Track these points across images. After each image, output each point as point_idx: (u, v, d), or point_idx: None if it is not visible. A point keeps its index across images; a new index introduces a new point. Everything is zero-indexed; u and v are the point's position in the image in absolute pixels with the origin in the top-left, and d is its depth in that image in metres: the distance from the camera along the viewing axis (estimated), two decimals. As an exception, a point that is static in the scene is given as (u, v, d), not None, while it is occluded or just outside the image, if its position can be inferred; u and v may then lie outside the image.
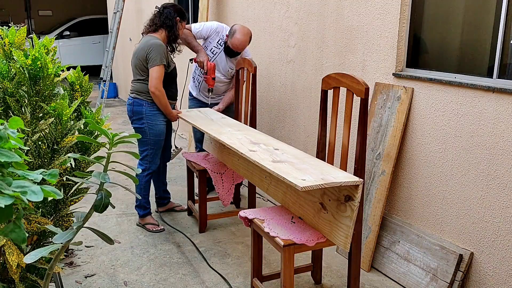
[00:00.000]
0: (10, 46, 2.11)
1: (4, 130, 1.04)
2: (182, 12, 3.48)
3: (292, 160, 2.40)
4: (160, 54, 3.27)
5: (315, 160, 2.46)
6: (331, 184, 2.09)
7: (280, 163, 2.34)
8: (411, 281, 2.80)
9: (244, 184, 4.38)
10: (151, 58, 3.27)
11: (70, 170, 2.08)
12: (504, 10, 2.41)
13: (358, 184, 2.14)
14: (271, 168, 2.25)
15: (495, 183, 2.45)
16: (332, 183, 2.09)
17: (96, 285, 2.84)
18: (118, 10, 7.23)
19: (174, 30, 3.40)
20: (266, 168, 2.28)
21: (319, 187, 2.05)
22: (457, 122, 2.61)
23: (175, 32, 3.41)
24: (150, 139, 3.45)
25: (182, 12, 3.48)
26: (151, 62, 3.28)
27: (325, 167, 2.32)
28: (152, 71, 3.28)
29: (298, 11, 3.75)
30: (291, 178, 2.10)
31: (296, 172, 2.20)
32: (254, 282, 2.64)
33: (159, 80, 3.29)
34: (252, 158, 2.44)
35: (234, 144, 2.71)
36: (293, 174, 2.17)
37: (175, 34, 3.42)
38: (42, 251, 1.47)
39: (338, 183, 2.11)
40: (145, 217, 3.61)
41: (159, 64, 3.27)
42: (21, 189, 1.01)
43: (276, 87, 4.15)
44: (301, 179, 2.09)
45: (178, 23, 3.42)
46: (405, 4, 2.87)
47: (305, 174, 2.18)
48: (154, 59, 3.26)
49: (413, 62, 2.96)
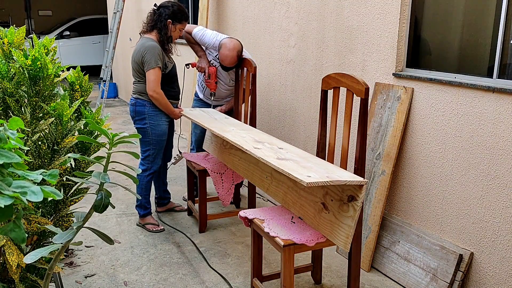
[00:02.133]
0: (9, 46, 2.11)
1: (3, 131, 1.04)
2: (177, 14, 3.38)
3: (296, 159, 2.40)
4: (154, 56, 3.26)
5: (319, 159, 2.46)
6: (337, 182, 2.09)
7: (285, 161, 2.34)
8: (411, 281, 2.80)
9: (244, 184, 4.39)
10: (146, 61, 3.27)
11: (70, 170, 2.08)
12: (504, 10, 2.41)
13: (362, 184, 2.14)
14: (277, 165, 2.24)
15: (495, 183, 2.45)
16: (338, 181, 2.09)
17: (96, 285, 2.84)
18: (118, 10, 7.23)
19: (164, 32, 3.35)
20: (271, 164, 2.28)
21: (325, 183, 2.05)
22: (457, 122, 2.61)
23: (166, 34, 3.36)
24: (152, 139, 3.45)
25: (177, 13, 3.38)
26: (146, 65, 3.27)
27: (330, 167, 2.32)
28: (148, 74, 3.28)
29: (298, 11, 3.75)
30: (296, 174, 2.10)
31: (301, 169, 2.20)
32: (254, 282, 2.64)
33: (156, 83, 3.29)
34: (257, 155, 2.43)
35: (239, 142, 2.71)
36: (298, 171, 2.17)
37: (166, 36, 3.36)
38: (42, 251, 1.47)
39: (344, 182, 2.11)
40: (146, 217, 3.62)
41: (154, 67, 3.26)
42: (21, 189, 1.01)
43: (276, 87, 4.15)
44: (306, 176, 2.09)
45: (170, 25, 3.36)
46: (405, 4, 2.87)
47: (310, 171, 2.18)
48: (149, 62, 3.26)
49: (413, 62, 2.96)
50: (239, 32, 4.57)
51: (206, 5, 5.00)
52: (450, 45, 2.82)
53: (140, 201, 3.60)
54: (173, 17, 3.37)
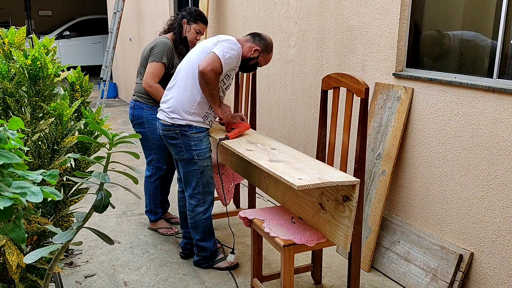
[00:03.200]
0: (10, 46, 2.11)
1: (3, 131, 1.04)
2: (193, 13, 3.35)
3: (289, 160, 2.40)
4: (162, 51, 3.23)
5: (312, 160, 2.46)
6: (328, 184, 2.09)
7: (277, 163, 2.34)
8: (411, 281, 2.80)
9: (244, 184, 4.39)
10: (153, 53, 3.24)
11: (70, 170, 2.08)
12: (504, 10, 2.41)
13: (355, 184, 2.14)
14: (268, 167, 2.25)
15: (495, 183, 2.45)
16: (329, 183, 2.09)
17: (96, 285, 2.84)
18: (118, 10, 7.24)
19: (178, 31, 3.34)
20: (262, 167, 2.28)
21: (316, 186, 2.05)
22: (457, 122, 2.61)
23: (180, 33, 3.34)
24: (153, 144, 3.39)
25: (192, 13, 3.35)
26: (151, 57, 3.24)
27: (322, 167, 2.32)
28: (149, 66, 3.24)
29: (298, 11, 3.75)
30: (287, 177, 2.10)
31: (293, 172, 2.20)
32: (254, 282, 2.64)
33: (152, 76, 3.22)
34: (249, 157, 2.44)
35: (231, 143, 2.71)
36: (290, 173, 2.17)
37: (180, 35, 3.34)
38: (42, 251, 1.47)
39: (335, 183, 2.10)
40: (157, 221, 3.59)
41: (157, 61, 3.22)
42: (21, 190, 1.01)
43: (276, 87, 4.15)
44: (297, 178, 2.09)
45: (185, 25, 3.34)
46: (405, 4, 2.87)
47: (302, 173, 2.18)
48: (155, 54, 3.23)
49: (413, 62, 2.96)
50: (239, 32, 4.57)
51: (206, 5, 5.00)
52: (450, 45, 2.82)
53: (149, 207, 3.56)
54: (188, 17, 3.35)
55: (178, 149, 2.79)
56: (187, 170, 2.83)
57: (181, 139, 2.77)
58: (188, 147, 2.77)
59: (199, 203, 2.88)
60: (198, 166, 2.81)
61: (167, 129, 2.79)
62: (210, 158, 2.87)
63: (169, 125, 2.77)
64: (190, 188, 2.87)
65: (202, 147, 2.80)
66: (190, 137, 2.76)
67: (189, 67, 2.79)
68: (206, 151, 2.82)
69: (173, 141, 2.79)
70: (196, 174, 2.83)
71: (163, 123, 2.81)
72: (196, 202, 2.87)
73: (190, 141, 2.76)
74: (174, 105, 2.78)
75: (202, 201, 2.88)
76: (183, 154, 2.79)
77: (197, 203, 2.88)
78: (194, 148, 2.77)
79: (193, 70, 2.76)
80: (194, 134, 2.77)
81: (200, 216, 2.89)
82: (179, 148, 2.79)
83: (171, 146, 2.83)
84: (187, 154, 2.78)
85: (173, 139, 2.79)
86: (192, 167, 2.81)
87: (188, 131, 2.76)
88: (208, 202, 2.91)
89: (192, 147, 2.77)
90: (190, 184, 2.85)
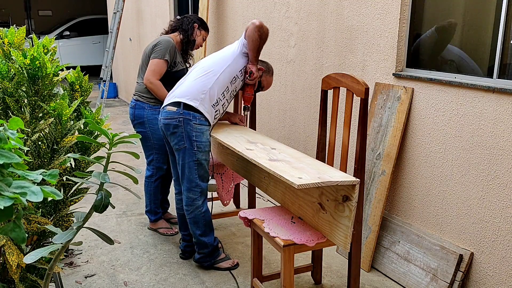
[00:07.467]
0: (9, 46, 2.11)
1: (3, 131, 1.04)
2: (203, 22, 3.47)
3: (289, 159, 2.40)
4: (165, 49, 3.23)
5: (312, 159, 2.46)
6: (328, 183, 2.09)
7: (277, 162, 2.34)
8: (411, 281, 2.80)
9: (244, 184, 4.38)
10: (155, 50, 3.24)
11: (70, 170, 2.08)
12: (504, 10, 2.41)
13: (355, 184, 2.14)
14: (268, 166, 2.24)
15: (495, 183, 2.45)
16: (329, 182, 2.09)
17: (96, 285, 2.84)
18: (118, 10, 7.24)
19: (189, 33, 3.37)
20: (262, 166, 2.28)
21: (316, 185, 2.05)
22: (457, 122, 2.61)
23: (189, 36, 3.37)
24: (154, 144, 3.38)
25: (203, 21, 3.47)
26: (154, 54, 3.24)
27: (322, 167, 2.32)
28: (151, 63, 3.24)
29: (298, 11, 3.75)
30: (287, 176, 2.10)
31: (293, 171, 2.19)
32: (254, 282, 2.64)
33: (154, 73, 3.22)
34: (249, 156, 2.43)
35: (231, 143, 2.71)
36: (289, 172, 2.17)
37: (189, 38, 3.37)
38: (42, 251, 1.47)
39: (335, 182, 2.10)
40: (157, 221, 3.58)
41: (160, 58, 3.21)
42: (21, 189, 1.01)
43: (276, 87, 4.15)
44: (297, 177, 2.09)
45: (196, 29, 3.39)
46: (405, 4, 2.87)
47: (302, 172, 2.17)
48: (157, 51, 3.23)
49: (413, 62, 2.96)
50: (239, 32, 4.57)
51: (206, 5, 5.00)
52: (450, 45, 2.82)
53: (149, 207, 3.55)
54: (198, 23, 3.43)
55: (179, 138, 2.80)
56: (185, 162, 2.82)
57: (183, 128, 2.78)
58: (189, 137, 2.78)
59: (197, 196, 2.88)
60: (196, 157, 2.81)
61: (170, 117, 2.80)
62: (208, 154, 2.88)
63: (173, 112, 2.79)
64: (187, 180, 2.86)
65: (203, 139, 2.81)
66: (192, 127, 2.78)
67: (209, 67, 2.86)
68: (206, 144, 2.83)
69: (175, 130, 2.80)
70: (194, 165, 2.83)
71: (168, 111, 2.82)
72: (194, 195, 2.87)
73: (192, 131, 2.78)
74: (182, 91, 2.84)
75: (199, 193, 2.88)
76: (183, 143, 2.80)
77: (195, 196, 2.88)
78: (195, 138, 2.79)
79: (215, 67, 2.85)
80: (197, 125, 2.79)
81: (199, 210, 2.90)
82: (180, 137, 2.79)
83: (172, 136, 2.83)
84: (187, 142, 2.79)
85: (175, 127, 2.79)
86: (190, 158, 2.81)
87: (191, 120, 2.77)
88: (203, 195, 2.92)
89: (193, 137, 2.79)
90: (187, 176, 2.85)
